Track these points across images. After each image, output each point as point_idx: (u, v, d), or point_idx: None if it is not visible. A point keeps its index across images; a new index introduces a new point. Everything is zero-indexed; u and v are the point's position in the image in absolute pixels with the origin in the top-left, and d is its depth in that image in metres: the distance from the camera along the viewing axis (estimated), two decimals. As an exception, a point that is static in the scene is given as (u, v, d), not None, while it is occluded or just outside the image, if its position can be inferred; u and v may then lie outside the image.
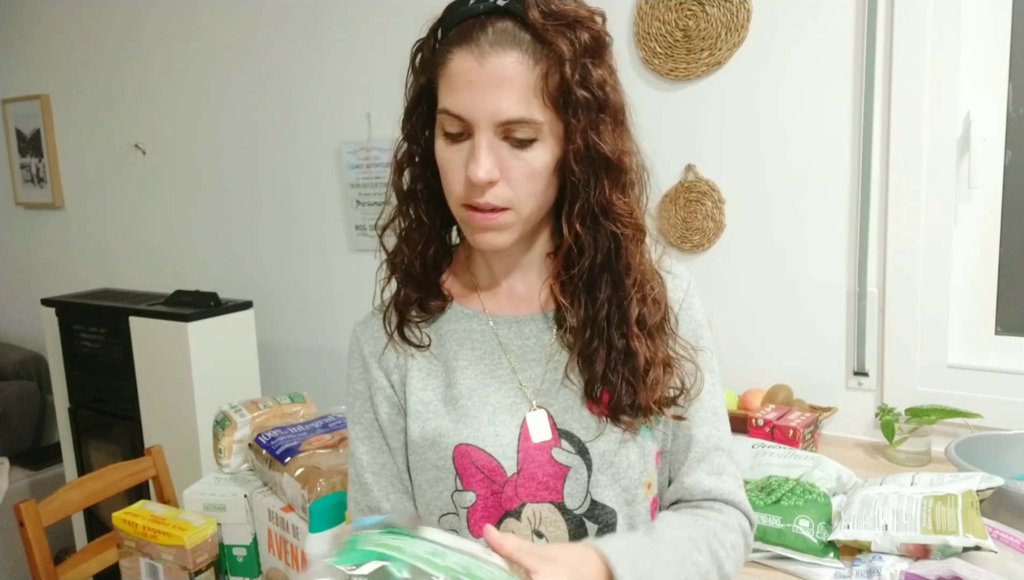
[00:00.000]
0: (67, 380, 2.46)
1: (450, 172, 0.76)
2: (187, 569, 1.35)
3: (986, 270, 1.58)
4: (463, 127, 0.73)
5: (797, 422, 1.51)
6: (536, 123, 0.72)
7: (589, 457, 0.80)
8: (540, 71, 0.71)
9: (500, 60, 0.71)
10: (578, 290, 0.80)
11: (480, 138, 0.72)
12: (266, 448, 1.46)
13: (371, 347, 0.87)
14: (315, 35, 2.32)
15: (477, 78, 0.71)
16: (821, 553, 1.14)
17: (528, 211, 0.76)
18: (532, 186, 0.75)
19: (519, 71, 0.71)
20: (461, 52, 0.72)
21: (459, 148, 0.74)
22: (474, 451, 0.80)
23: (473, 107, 0.72)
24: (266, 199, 2.54)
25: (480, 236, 0.77)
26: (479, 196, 0.74)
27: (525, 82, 0.71)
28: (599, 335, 0.80)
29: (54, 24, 2.99)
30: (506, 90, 0.71)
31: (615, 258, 0.79)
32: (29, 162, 3.17)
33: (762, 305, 1.75)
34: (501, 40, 0.71)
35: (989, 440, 1.35)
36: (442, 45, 0.75)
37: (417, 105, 0.79)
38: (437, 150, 0.77)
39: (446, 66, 0.73)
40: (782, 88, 1.66)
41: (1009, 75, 1.52)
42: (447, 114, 0.73)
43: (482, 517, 0.80)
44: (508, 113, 0.71)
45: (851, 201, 1.62)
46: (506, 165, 0.73)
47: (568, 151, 0.74)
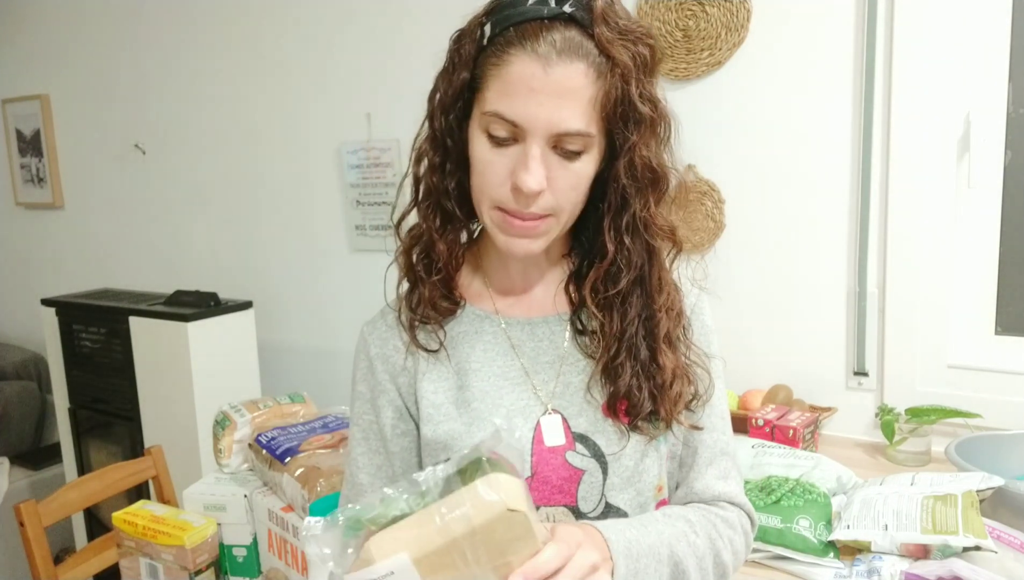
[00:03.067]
0: (67, 380, 2.46)
1: (491, 175, 0.74)
2: (187, 569, 1.35)
3: (986, 270, 1.58)
4: (514, 133, 0.71)
5: (797, 422, 1.51)
6: (588, 136, 0.71)
7: (604, 461, 0.79)
8: (602, 86, 0.70)
9: (566, 70, 0.69)
10: (613, 304, 0.80)
11: (533, 147, 0.71)
12: (266, 448, 1.46)
13: (378, 349, 0.86)
14: (315, 35, 2.32)
15: (540, 85, 0.69)
16: (821, 553, 1.14)
17: (566, 218, 0.76)
18: (574, 196, 0.75)
19: (584, 84, 0.69)
20: (524, 55, 0.69)
21: (504, 152, 0.72)
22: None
23: (531, 115, 0.70)
24: (266, 199, 2.54)
25: (515, 242, 0.76)
26: (524, 205, 0.73)
27: (587, 95, 0.70)
28: (628, 350, 0.79)
29: (54, 24, 2.99)
30: (568, 102, 0.69)
31: (648, 273, 0.79)
32: (29, 162, 3.17)
33: (762, 305, 1.75)
34: (569, 49, 0.69)
35: (989, 440, 1.35)
36: (497, 44, 0.72)
37: (456, 99, 0.77)
38: (477, 150, 0.75)
39: (503, 67, 0.71)
40: (782, 88, 1.66)
41: (1009, 75, 1.52)
42: (499, 118, 0.71)
43: None
44: (568, 125, 0.70)
45: (851, 201, 1.62)
46: (553, 175, 0.72)
47: (620, 164, 0.74)
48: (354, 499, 0.87)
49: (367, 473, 0.86)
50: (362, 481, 0.86)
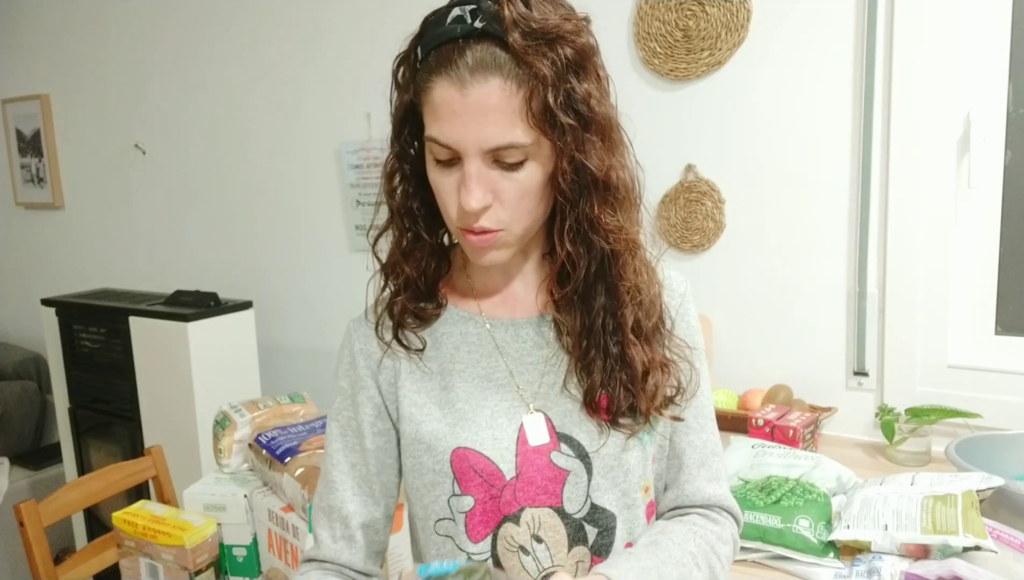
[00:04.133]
0: (67, 380, 2.46)
1: (444, 196, 0.75)
2: (187, 569, 1.35)
3: (986, 270, 1.58)
4: (452, 154, 0.72)
5: (797, 422, 1.51)
6: (523, 146, 0.71)
7: (589, 461, 0.79)
8: (523, 95, 0.69)
9: (482, 89, 0.68)
10: (573, 302, 0.80)
11: (470, 166, 0.71)
12: (266, 448, 1.46)
13: (362, 345, 0.86)
14: (315, 35, 2.32)
15: (461, 108, 0.69)
16: (821, 553, 1.14)
17: (522, 228, 0.76)
18: (525, 204, 0.74)
19: (502, 97, 0.69)
20: (442, 81, 0.70)
21: (450, 173, 0.73)
22: (472, 454, 0.79)
23: (459, 137, 0.70)
24: (266, 199, 2.54)
25: (480, 253, 0.77)
26: (473, 221, 0.74)
27: (509, 108, 0.69)
28: (595, 345, 0.79)
29: (54, 24, 2.99)
30: (491, 117, 0.69)
31: (608, 268, 0.78)
32: (29, 162, 3.17)
33: (762, 305, 1.75)
34: (481, 67, 0.68)
35: (989, 440, 1.35)
36: (423, 70, 0.72)
37: (404, 122, 0.78)
38: (429, 172, 0.76)
39: (428, 93, 0.72)
40: (782, 88, 1.67)
41: (1009, 75, 1.52)
42: (434, 142, 0.72)
43: (480, 522, 0.79)
44: (494, 140, 0.70)
45: (851, 201, 1.62)
46: (498, 188, 0.73)
47: (556, 171, 0.73)
48: (328, 495, 0.87)
49: (340, 471, 0.86)
50: (335, 478, 0.86)
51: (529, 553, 0.78)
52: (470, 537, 0.79)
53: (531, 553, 0.78)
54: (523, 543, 0.78)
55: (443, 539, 0.82)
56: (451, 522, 0.81)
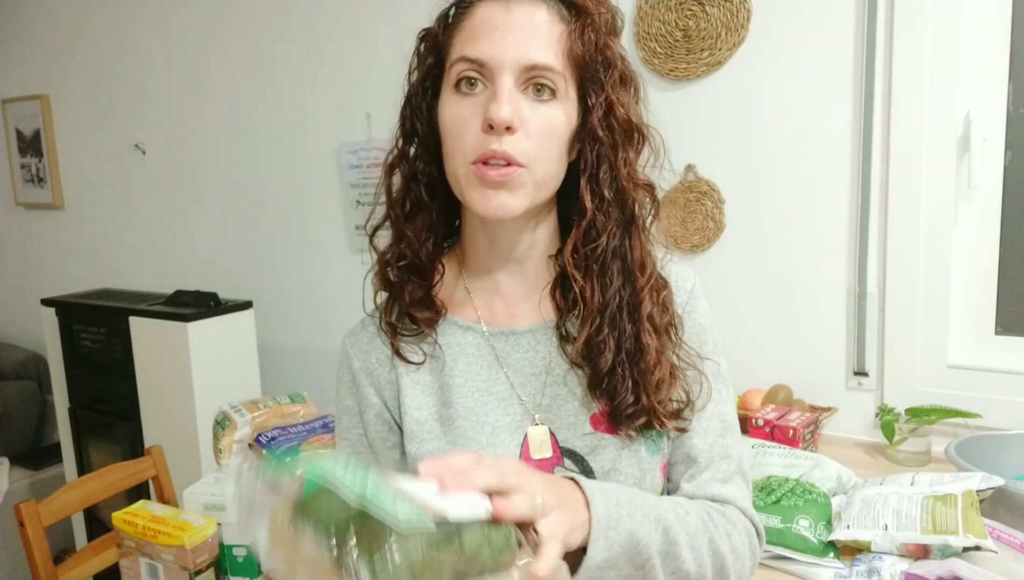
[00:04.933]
0: (67, 380, 2.46)
1: (461, 127, 0.72)
2: (187, 569, 1.35)
3: (986, 270, 1.58)
4: (482, 75, 0.71)
5: (797, 422, 1.51)
6: (559, 75, 0.71)
7: (593, 476, 0.77)
8: (565, 29, 0.72)
9: (528, 10, 0.71)
10: (592, 273, 0.77)
11: (503, 80, 0.70)
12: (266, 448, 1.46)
13: (361, 362, 0.84)
14: (315, 35, 2.32)
15: (503, 23, 0.70)
16: (821, 553, 1.14)
17: (541, 173, 0.73)
18: (549, 145, 0.73)
19: (547, 21, 0.71)
20: (486, 2, 0.72)
21: (473, 100, 0.72)
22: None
23: (497, 51, 0.70)
24: (266, 199, 2.54)
25: (491, 195, 0.72)
26: (496, 143, 0.70)
27: (551, 33, 0.71)
28: (610, 325, 0.76)
29: (54, 24, 2.99)
30: (533, 36, 0.70)
31: (630, 245, 0.77)
32: (29, 162, 3.17)
33: (762, 305, 1.75)
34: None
35: (989, 440, 1.35)
36: (461, 7, 0.74)
37: (422, 84, 0.78)
38: (445, 111, 0.74)
39: (466, 20, 0.73)
40: (782, 88, 1.66)
41: (1009, 75, 1.52)
42: (465, 60, 0.71)
43: None
44: (534, 57, 0.70)
45: (851, 201, 1.62)
46: (525, 116, 0.71)
47: (593, 117, 0.74)
48: None
49: None
50: None
51: None
52: None
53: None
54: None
55: None
56: None
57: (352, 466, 0.54)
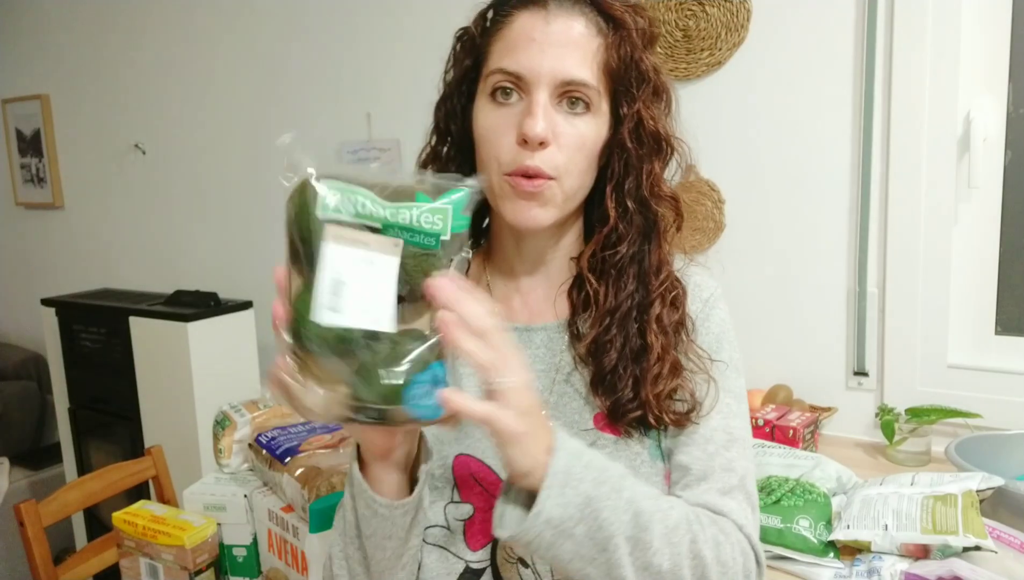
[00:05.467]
0: (67, 380, 2.46)
1: (495, 137, 0.73)
2: (187, 569, 1.35)
3: (986, 270, 1.58)
4: (517, 86, 0.72)
5: (797, 422, 1.51)
6: (594, 90, 0.72)
7: None
8: (602, 43, 0.72)
9: (567, 23, 0.72)
10: (608, 277, 0.78)
11: (538, 95, 0.71)
12: (266, 448, 1.46)
13: None
14: (315, 35, 2.32)
15: (542, 36, 0.71)
16: (821, 553, 1.14)
17: (571, 186, 0.74)
18: (580, 158, 0.74)
19: (584, 35, 0.72)
20: (524, 13, 0.73)
21: (508, 111, 0.73)
22: (474, 462, 0.78)
23: (535, 64, 0.71)
24: (266, 199, 2.53)
25: (523, 206, 0.73)
26: (529, 158, 0.71)
27: (587, 47, 0.72)
28: (619, 326, 0.77)
29: (54, 24, 2.99)
30: (571, 51, 0.71)
31: (648, 252, 0.78)
32: (29, 162, 3.17)
33: (762, 305, 1.75)
34: (567, 6, 0.72)
35: (989, 440, 1.35)
36: (500, 14, 0.75)
37: (459, 86, 0.78)
38: (480, 118, 0.75)
39: (505, 29, 0.74)
40: (782, 88, 1.66)
41: (1009, 75, 1.52)
42: (502, 73, 0.72)
43: (480, 531, 0.77)
44: (571, 73, 0.71)
45: (851, 201, 1.62)
46: (559, 130, 0.72)
47: (624, 129, 0.75)
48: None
49: None
50: None
51: (528, 566, 0.77)
52: (468, 545, 0.77)
53: (530, 566, 0.77)
54: (522, 554, 0.77)
55: (433, 549, 0.77)
56: (444, 530, 0.78)
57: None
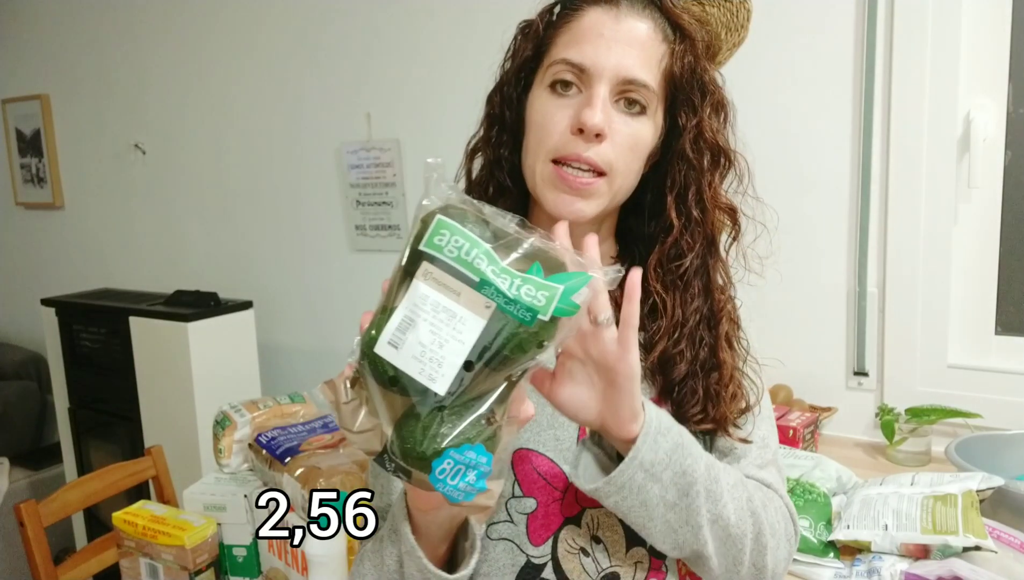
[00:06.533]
0: (67, 380, 2.46)
1: (550, 124, 0.73)
2: (187, 569, 1.35)
3: (986, 270, 1.58)
4: (579, 79, 0.73)
5: (797, 422, 1.51)
6: (653, 93, 0.73)
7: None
8: (667, 49, 0.73)
9: (637, 23, 0.73)
10: (677, 285, 0.79)
11: (599, 88, 0.71)
12: (266, 448, 1.46)
13: None
14: (315, 35, 2.32)
15: (610, 32, 0.72)
16: (821, 553, 1.14)
17: (619, 184, 0.75)
18: (631, 158, 0.74)
19: (651, 38, 0.73)
20: (595, 8, 0.74)
21: (566, 101, 0.73)
22: (535, 456, 0.77)
23: (601, 58, 0.71)
24: (266, 199, 2.54)
25: (564, 199, 0.74)
26: (583, 148, 0.72)
27: (653, 51, 0.73)
28: (688, 339, 0.78)
29: (54, 24, 2.99)
30: (636, 51, 0.72)
31: (711, 265, 0.80)
32: (29, 162, 3.17)
33: (762, 305, 1.75)
34: (638, 7, 0.74)
35: (989, 440, 1.35)
36: (570, 7, 0.76)
37: (517, 74, 0.79)
38: (537, 106, 0.75)
39: (573, 21, 0.74)
40: (782, 88, 1.66)
41: (1009, 75, 1.52)
42: (566, 63, 0.73)
43: (542, 525, 0.76)
44: (633, 72, 0.72)
45: (851, 201, 1.62)
46: (615, 127, 0.72)
47: (685, 139, 0.75)
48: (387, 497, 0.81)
49: None
50: (396, 484, 0.83)
51: (589, 555, 0.77)
52: (531, 540, 0.77)
53: (591, 554, 0.77)
54: (583, 545, 0.77)
55: (499, 542, 0.77)
56: (510, 524, 0.77)
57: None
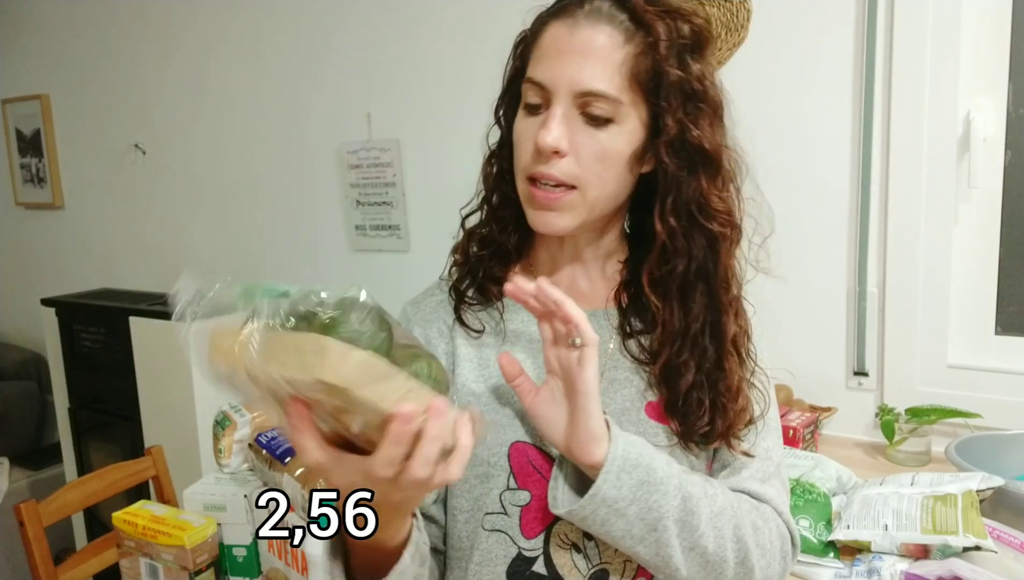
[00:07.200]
0: (67, 380, 2.46)
1: (521, 143, 0.75)
2: (187, 569, 1.35)
3: (986, 270, 1.58)
4: (543, 97, 0.73)
5: (797, 422, 1.50)
6: (616, 101, 0.71)
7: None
8: (630, 50, 0.71)
9: (590, 31, 0.71)
10: (671, 295, 0.77)
11: (555, 107, 0.71)
12: (266, 448, 1.46)
13: (421, 329, 0.85)
14: (315, 35, 2.32)
15: (566, 46, 0.71)
16: (821, 553, 1.14)
17: (594, 195, 0.74)
18: (601, 169, 0.73)
19: (608, 44, 0.70)
20: (555, 23, 0.73)
21: (535, 120, 0.73)
22: (531, 449, 0.77)
23: (555, 74, 0.71)
24: (266, 199, 2.54)
25: (540, 214, 0.75)
26: (544, 165, 0.72)
27: (613, 58, 0.70)
28: (691, 348, 0.76)
29: (54, 24, 2.99)
30: (591, 61, 0.70)
31: (712, 265, 0.76)
32: (29, 162, 3.17)
33: (762, 305, 1.75)
34: (595, 15, 0.71)
35: (989, 440, 1.35)
36: (537, 22, 0.76)
37: (509, 89, 0.80)
38: (516, 124, 0.76)
39: (539, 38, 0.74)
40: (782, 88, 1.66)
41: (1009, 75, 1.51)
42: (530, 83, 0.73)
43: (535, 518, 0.77)
44: (588, 84, 0.70)
45: (851, 201, 1.62)
46: (577, 141, 0.72)
47: (661, 140, 0.73)
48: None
49: None
50: None
51: (581, 550, 0.77)
52: (524, 532, 0.77)
53: (583, 550, 0.77)
54: (576, 540, 0.77)
55: (492, 533, 0.78)
56: (503, 516, 0.78)
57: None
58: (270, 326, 0.53)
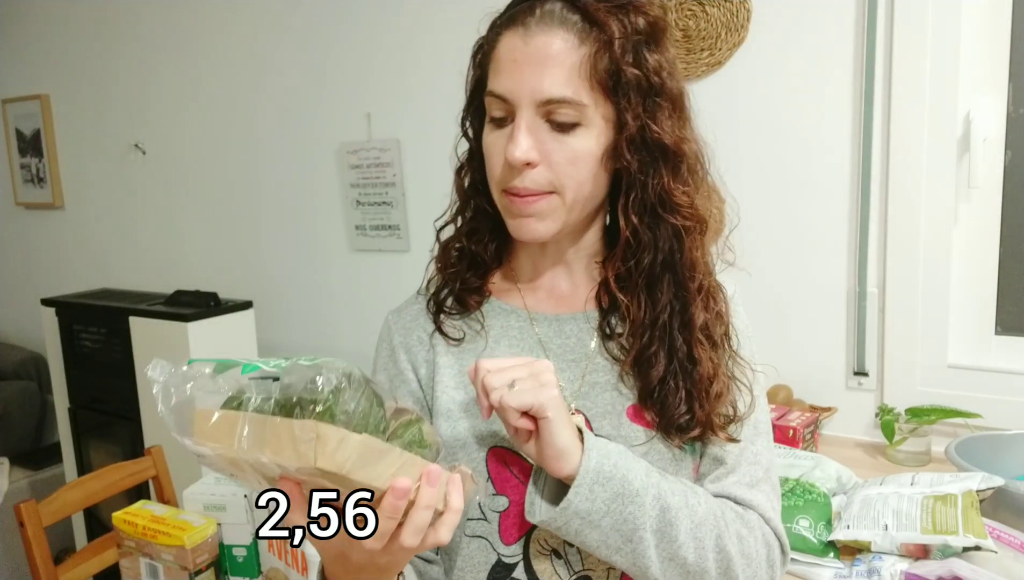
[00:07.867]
0: (67, 380, 2.46)
1: (492, 157, 0.74)
2: (187, 569, 1.35)
3: (986, 270, 1.58)
4: (506, 109, 0.72)
5: (797, 422, 1.51)
6: (579, 105, 0.70)
7: None
8: (587, 52, 0.69)
9: (545, 38, 0.69)
10: (637, 288, 0.76)
11: (520, 119, 0.71)
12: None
13: (401, 338, 0.85)
14: (315, 35, 2.32)
15: (522, 56, 0.70)
16: (821, 553, 1.14)
17: (572, 197, 0.73)
18: (575, 172, 0.72)
19: (563, 49, 0.69)
20: (508, 33, 0.72)
21: (502, 132, 0.73)
22: (510, 455, 0.77)
23: (515, 85, 0.70)
24: (266, 199, 2.54)
25: (520, 223, 0.74)
26: (517, 179, 0.72)
27: (570, 62, 0.69)
28: (660, 338, 0.76)
29: (54, 24, 2.99)
30: (549, 68, 0.69)
31: (678, 256, 0.75)
32: (29, 162, 3.17)
33: (762, 305, 1.75)
34: (547, 20, 0.70)
35: (989, 440, 1.35)
36: (491, 34, 0.75)
37: (472, 100, 0.79)
38: (484, 137, 0.76)
39: (495, 51, 0.73)
40: (782, 88, 1.66)
41: (1009, 75, 1.52)
42: (492, 96, 0.72)
43: (514, 524, 0.76)
44: (549, 92, 0.69)
45: (851, 201, 1.62)
46: (547, 148, 0.71)
47: (621, 137, 0.72)
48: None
49: None
50: None
51: (562, 557, 0.76)
52: (503, 539, 0.77)
53: (564, 557, 0.76)
54: (556, 547, 0.76)
55: (473, 539, 0.78)
56: (483, 522, 0.78)
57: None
58: (261, 411, 0.54)
